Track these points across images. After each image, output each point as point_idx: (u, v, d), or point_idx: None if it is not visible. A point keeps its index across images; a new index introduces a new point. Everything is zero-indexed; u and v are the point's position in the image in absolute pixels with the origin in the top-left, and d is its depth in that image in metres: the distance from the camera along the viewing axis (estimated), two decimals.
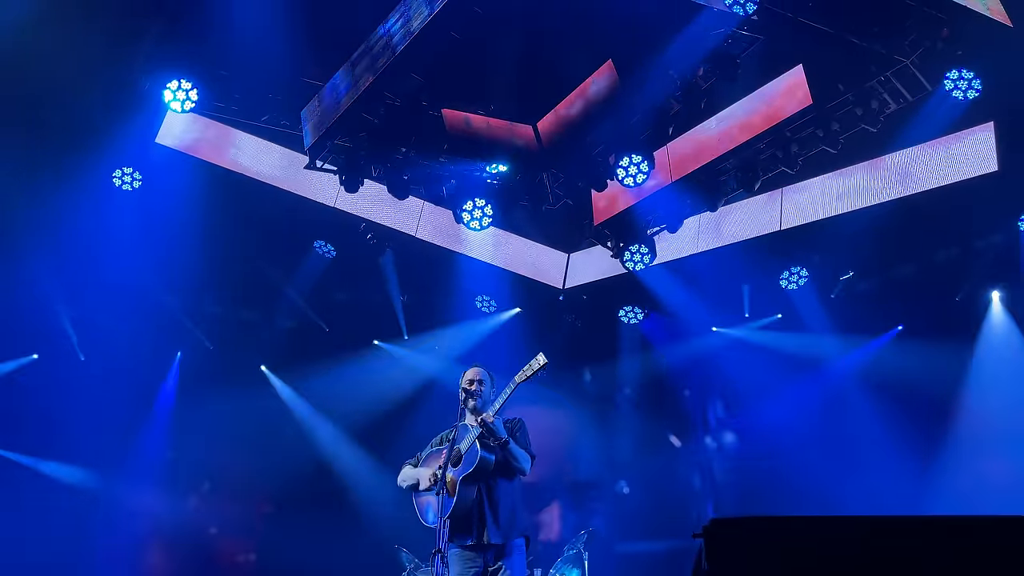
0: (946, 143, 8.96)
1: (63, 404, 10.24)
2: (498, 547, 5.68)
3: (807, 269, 10.48)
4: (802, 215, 9.94)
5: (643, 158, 8.76)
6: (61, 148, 8.87)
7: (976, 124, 8.73)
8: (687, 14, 7.76)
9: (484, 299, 11.46)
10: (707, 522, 3.33)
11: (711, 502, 11.57)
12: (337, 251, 10.53)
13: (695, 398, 11.75)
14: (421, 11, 7.70)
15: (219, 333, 11.58)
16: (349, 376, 11.49)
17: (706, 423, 11.67)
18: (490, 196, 9.33)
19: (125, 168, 9.14)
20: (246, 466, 11.18)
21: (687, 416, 11.87)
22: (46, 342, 10.55)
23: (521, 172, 9.24)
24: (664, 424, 11.84)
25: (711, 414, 11.85)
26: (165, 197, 9.30)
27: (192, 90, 8.28)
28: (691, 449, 11.83)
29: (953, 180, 8.95)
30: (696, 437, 11.78)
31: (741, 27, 8.02)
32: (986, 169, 8.73)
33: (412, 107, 8.64)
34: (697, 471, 11.75)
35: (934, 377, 10.23)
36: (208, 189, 9.41)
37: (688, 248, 10.47)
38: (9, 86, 8.16)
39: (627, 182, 8.81)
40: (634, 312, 11.42)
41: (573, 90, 8.74)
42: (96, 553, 10.27)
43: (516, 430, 5.90)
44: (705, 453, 11.74)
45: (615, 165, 8.79)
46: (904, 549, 3.19)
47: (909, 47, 8.14)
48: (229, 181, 9.52)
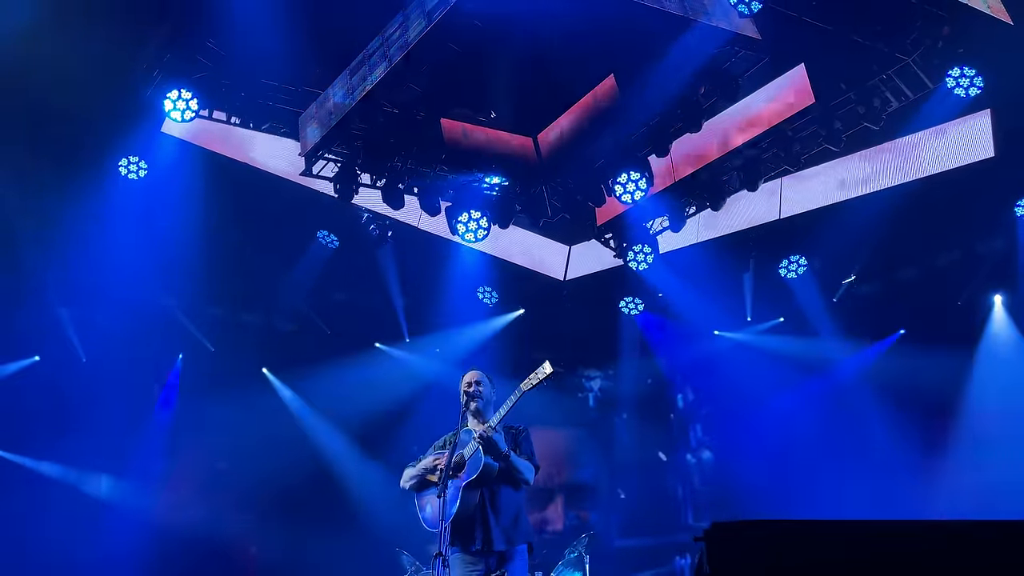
0: (944, 129, 9.02)
1: (65, 406, 10.24)
2: (501, 553, 5.63)
3: (806, 258, 10.50)
4: (801, 204, 9.98)
5: (641, 174, 8.78)
6: (62, 149, 8.89)
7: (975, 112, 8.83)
8: (688, 32, 7.76)
9: (485, 290, 11.49)
10: (708, 526, 3.33)
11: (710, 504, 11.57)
12: (340, 242, 10.56)
13: (696, 398, 11.75)
14: (419, 22, 7.68)
15: (220, 335, 11.59)
16: (350, 378, 11.49)
17: (705, 427, 11.67)
18: (487, 208, 9.31)
19: (131, 157, 9.15)
20: (247, 468, 11.15)
21: (688, 416, 11.88)
22: (48, 344, 10.55)
23: (520, 184, 9.24)
24: (663, 424, 11.85)
25: (709, 417, 11.85)
26: (170, 188, 9.31)
27: (192, 99, 8.32)
28: (692, 448, 11.83)
29: (951, 167, 9.03)
30: (697, 439, 11.78)
31: (744, 46, 8.03)
32: (983, 155, 8.88)
33: (409, 117, 8.63)
34: (698, 472, 11.75)
35: (936, 381, 10.23)
36: (212, 179, 9.44)
37: (688, 238, 10.47)
38: (13, 90, 8.18)
39: (624, 199, 8.85)
40: (635, 303, 11.48)
41: (574, 103, 8.73)
42: (97, 554, 10.26)
43: (520, 440, 5.81)
44: (708, 455, 11.74)
45: (613, 181, 8.82)
46: (906, 554, 3.18)
47: (911, 45, 8.18)
48: (233, 170, 9.56)
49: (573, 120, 8.78)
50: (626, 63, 8.22)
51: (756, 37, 7.93)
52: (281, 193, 9.79)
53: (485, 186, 9.24)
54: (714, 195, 9.59)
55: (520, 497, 5.81)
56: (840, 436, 10.55)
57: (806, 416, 10.86)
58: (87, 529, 10.31)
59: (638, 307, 11.50)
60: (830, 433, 10.59)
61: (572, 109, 8.77)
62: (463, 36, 7.77)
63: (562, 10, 7.61)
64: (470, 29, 7.65)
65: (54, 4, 7.56)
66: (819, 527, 3.36)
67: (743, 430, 10.96)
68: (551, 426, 11.51)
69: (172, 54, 8.37)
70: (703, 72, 8.23)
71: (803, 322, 11.13)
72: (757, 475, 10.30)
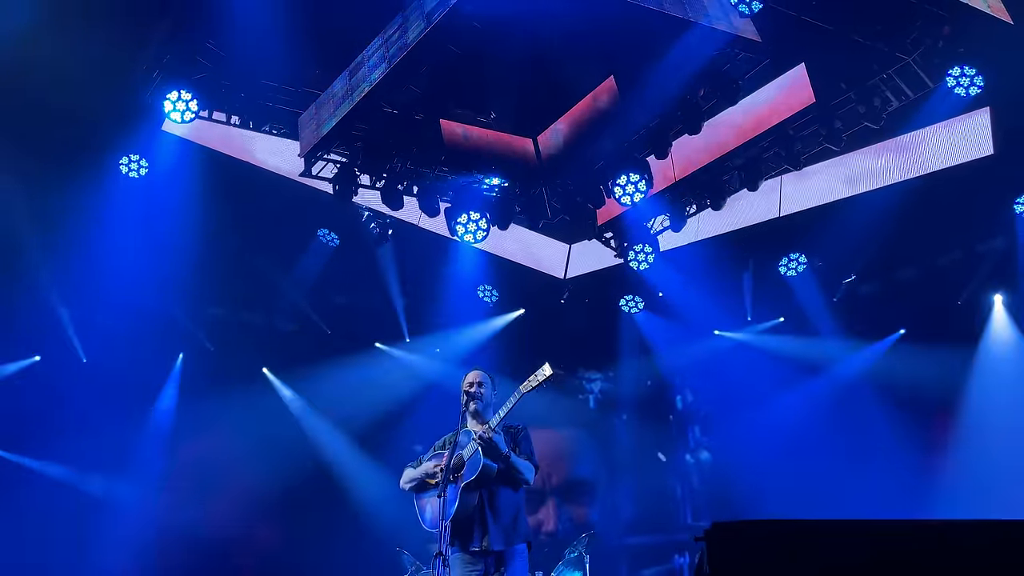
0: (943, 126, 9.05)
1: (65, 406, 10.24)
2: (500, 553, 5.64)
3: (806, 256, 10.51)
4: (801, 202, 9.99)
5: (641, 176, 8.78)
6: (63, 149, 8.89)
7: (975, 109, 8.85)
8: (688, 33, 7.76)
9: (486, 288, 11.50)
10: (708, 526, 3.33)
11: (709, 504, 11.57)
12: (341, 240, 10.56)
13: (695, 399, 11.76)
14: (418, 24, 7.67)
15: (221, 335, 11.59)
16: (350, 378, 11.49)
17: (704, 428, 11.67)
18: (486, 209, 9.31)
19: (132, 155, 9.16)
20: (247, 468, 11.15)
21: (687, 418, 11.88)
22: (48, 344, 10.55)
23: (519, 186, 9.23)
24: (663, 425, 11.85)
25: (708, 418, 11.85)
26: (170, 188, 9.32)
27: (192, 100, 8.33)
28: (691, 448, 11.84)
29: (951, 164, 9.07)
30: (695, 440, 11.79)
31: (744, 49, 8.03)
32: (983, 153, 8.90)
33: (408, 118, 8.61)
34: (696, 472, 11.76)
35: (936, 381, 10.23)
36: (213, 177, 9.44)
37: (688, 236, 10.48)
38: (13, 90, 8.18)
39: (624, 200, 8.85)
40: (635, 301, 11.49)
41: (575, 105, 8.72)
42: (97, 554, 10.26)
43: (519, 440, 5.82)
44: (706, 455, 11.74)
45: (613, 183, 8.82)
46: (907, 553, 3.18)
47: (911, 44, 8.19)
48: (234, 168, 9.56)
49: (573, 121, 8.77)
50: (626, 65, 8.22)
51: (756, 39, 7.93)
52: (282, 191, 9.78)
53: (485, 187, 9.23)
54: (714, 195, 9.60)
55: (519, 498, 5.82)
56: (840, 436, 10.55)
57: (806, 416, 10.86)
58: (87, 529, 10.31)
59: (638, 305, 11.53)
60: (830, 433, 10.59)
61: (572, 111, 8.77)
62: (462, 37, 7.76)
63: (562, 12, 7.61)
64: (469, 31, 7.64)
65: (53, 6, 7.57)
66: (819, 527, 3.36)
67: (743, 430, 10.95)
68: (552, 427, 11.51)
69: (172, 55, 8.37)
70: (703, 74, 8.23)
71: (803, 322, 11.13)
72: (757, 475, 10.30)
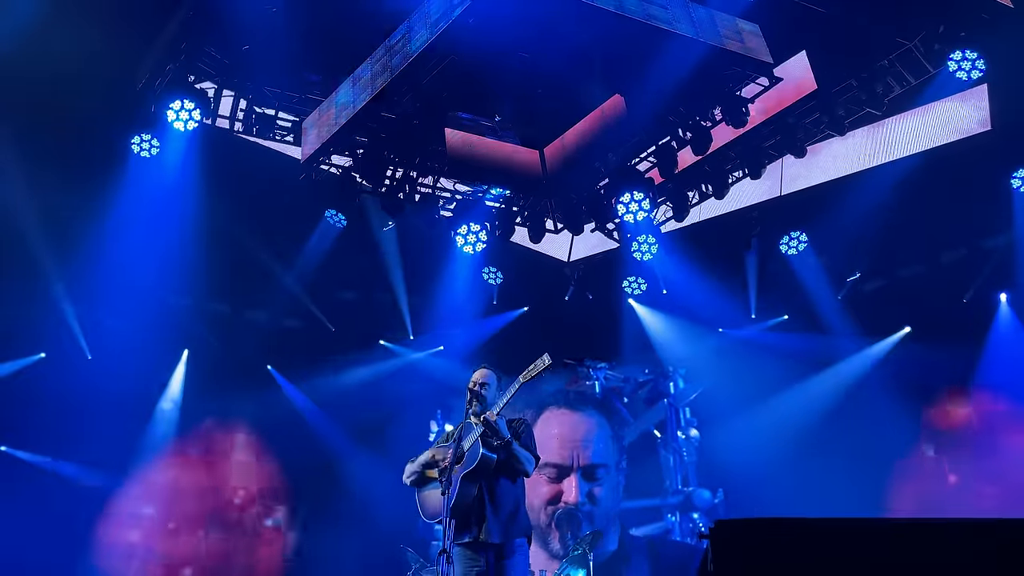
0: (942, 105, 9.08)
1: (70, 402, 10.26)
2: (499, 546, 5.65)
3: (806, 234, 10.51)
4: (803, 180, 9.98)
5: (644, 194, 8.77)
6: (69, 148, 8.92)
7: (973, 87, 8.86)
8: (699, 53, 7.71)
9: (490, 271, 11.51)
10: (713, 524, 3.33)
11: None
12: (347, 221, 10.55)
13: (687, 386, 11.72)
14: (422, 33, 7.65)
15: (226, 332, 11.60)
16: (355, 375, 11.51)
17: (694, 409, 11.65)
18: (487, 220, 9.27)
19: (144, 135, 9.19)
20: (251, 464, 11.18)
21: (679, 400, 11.85)
22: (53, 341, 10.58)
23: (523, 198, 9.18)
24: (659, 408, 11.84)
25: (698, 400, 11.81)
26: (176, 170, 9.33)
27: (195, 109, 8.41)
28: (682, 427, 11.81)
29: (949, 140, 9.11)
30: (686, 419, 11.76)
31: (755, 70, 8.00)
32: (981, 129, 8.95)
33: (410, 126, 8.56)
34: (686, 445, 11.73)
35: (941, 379, 10.21)
36: (221, 159, 9.44)
37: (691, 217, 10.45)
38: (21, 89, 8.22)
39: (627, 219, 8.84)
40: (637, 283, 11.51)
41: (582, 119, 8.65)
42: (101, 550, 10.30)
43: (520, 432, 5.84)
44: (695, 433, 11.71)
45: (616, 200, 8.80)
46: (911, 551, 3.18)
47: (912, 30, 8.18)
48: (242, 148, 9.56)
49: (579, 136, 8.70)
50: (634, 82, 8.12)
51: (768, 61, 7.88)
52: (291, 171, 9.68)
53: (488, 198, 9.19)
54: (717, 183, 9.59)
55: (518, 490, 5.84)
56: (845, 433, 10.53)
57: (811, 413, 10.85)
58: (91, 524, 10.34)
59: (641, 287, 11.56)
60: (835, 430, 10.57)
61: (579, 125, 8.70)
62: (466, 48, 7.69)
63: (568, 30, 7.55)
64: (473, 41, 7.58)
65: (55, 11, 7.61)
66: (823, 525, 3.36)
67: (745, 428, 10.95)
68: (576, 409, 11.51)
69: (175, 63, 8.44)
70: (712, 94, 8.19)
71: (807, 319, 11.11)
72: (760, 473, 10.29)
